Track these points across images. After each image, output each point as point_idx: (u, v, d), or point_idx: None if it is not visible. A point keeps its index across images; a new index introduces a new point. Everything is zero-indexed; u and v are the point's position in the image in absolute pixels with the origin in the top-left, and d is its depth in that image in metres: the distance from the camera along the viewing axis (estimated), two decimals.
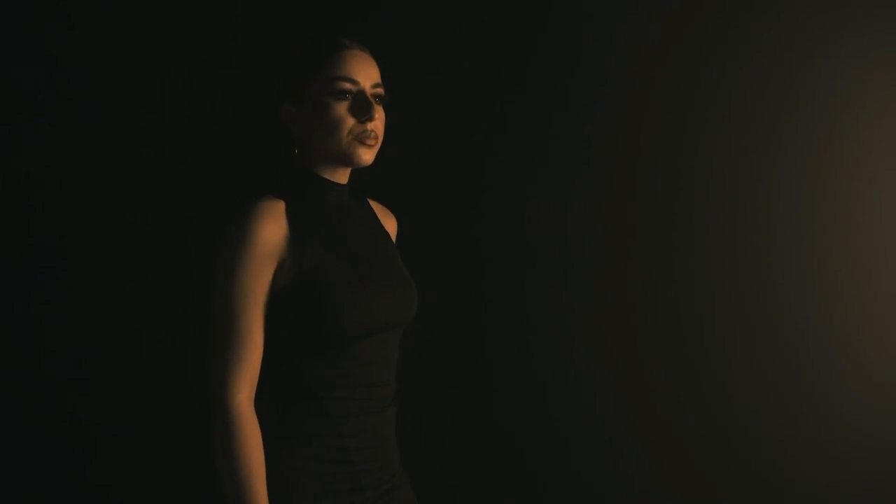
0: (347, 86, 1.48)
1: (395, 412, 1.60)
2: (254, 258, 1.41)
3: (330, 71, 1.48)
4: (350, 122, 1.48)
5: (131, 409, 2.45)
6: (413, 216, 1.88)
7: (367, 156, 1.51)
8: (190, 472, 2.43)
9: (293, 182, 1.53)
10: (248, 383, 1.42)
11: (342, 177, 1.57)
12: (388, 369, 1.57)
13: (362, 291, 1.47)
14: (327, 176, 1.54)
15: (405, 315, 1.58)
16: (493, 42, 2.44)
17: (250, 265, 1.41)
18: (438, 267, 2.38)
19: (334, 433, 1.48)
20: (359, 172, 1.60)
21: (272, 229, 1.43)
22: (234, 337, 1.41)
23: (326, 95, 1.48)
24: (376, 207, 1.72)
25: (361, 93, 1.49)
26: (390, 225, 1.74)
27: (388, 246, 1.66)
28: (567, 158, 2.44)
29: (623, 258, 2.45)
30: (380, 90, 1.52)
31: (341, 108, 1.48)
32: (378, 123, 1.51)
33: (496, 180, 2.45)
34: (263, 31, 2.40)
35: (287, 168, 1.55)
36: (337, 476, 1.48)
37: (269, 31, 2.39)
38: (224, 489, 1.40)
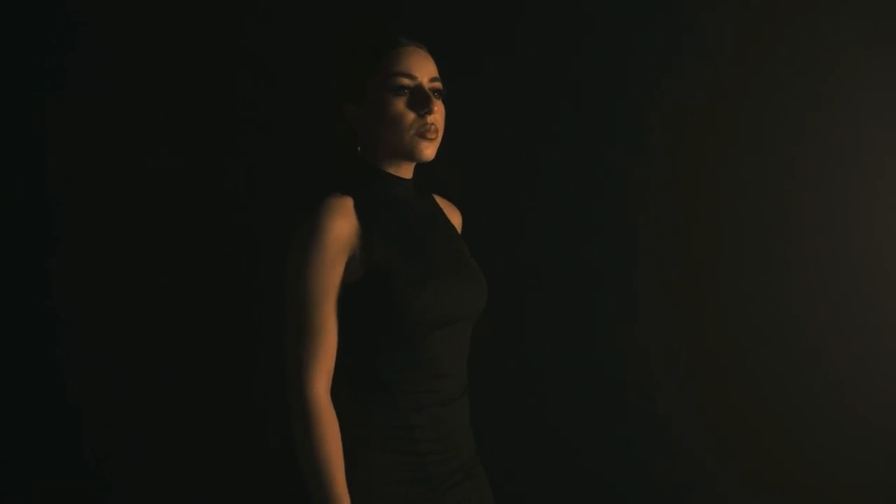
0: (406, 81, 1.52)
1: (466, 404, 1.61)
2: (326, 253, 1.45)
3: (388, 68, 1.52)
4: (410, 116, 1.51)
5: (134, 410, 2.49)
6: (480, 210, 1.89)
7: (428, 150, 1.53)
8: (191, 473, 2.48)
9: (359, 179, 1.56)
10: (324, 375, 1.45)
11: (406, 172, 1.59)
12: (459, 362, 1.58)
13: (431, 285, 1.49)
14: (392, 171, 1.57)
15: (475, 307, 1.59)
16: (557, 35, 2.43)
17: (322, 260, 1.45)
18: (505, 260, 2.38)
19: (404, 425, 1.50)
20: (423, 168, 1.62)
21: (342, 225, 1.46)
22: (309, 331, 1.45)
23: (386, 92, 1.51)
24: (441, 202, 1.75)
25: (420, 87, 1.52)
26: (456, 219, 1.76)
27: (456, 239, 1.68)
28: (633, 151, 2.42)
29: (692, 254, 2.41)
30: (437, 84, 1.55)
31: (400, 103, 1.51)
32: (438, 116, 1.53)
33: (563, 173, 2.44)
34: (324, 32, 2.42)
35: (352, 165, 1.59)
36: (406, 466, 1.51)
37: (329, 32, 2.41)
38: (304, 477, 1.44)
